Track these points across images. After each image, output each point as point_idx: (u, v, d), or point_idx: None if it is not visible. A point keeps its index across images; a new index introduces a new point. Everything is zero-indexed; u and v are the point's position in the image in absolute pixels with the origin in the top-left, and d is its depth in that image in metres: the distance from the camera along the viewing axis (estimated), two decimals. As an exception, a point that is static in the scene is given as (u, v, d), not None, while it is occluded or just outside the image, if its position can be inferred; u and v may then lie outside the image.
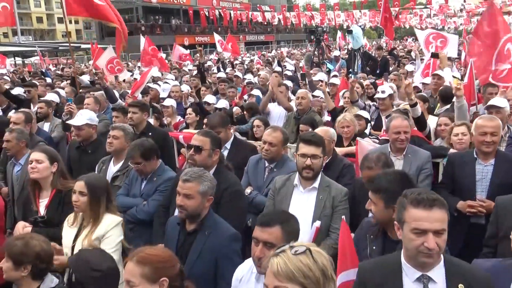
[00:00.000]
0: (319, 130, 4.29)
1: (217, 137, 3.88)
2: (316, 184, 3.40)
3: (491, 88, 5.94)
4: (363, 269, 2.32)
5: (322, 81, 9.15)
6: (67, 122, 5.59)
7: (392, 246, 2.63)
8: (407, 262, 2.13)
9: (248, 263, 2.53)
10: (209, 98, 7.37)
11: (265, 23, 40.58)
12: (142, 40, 12.71)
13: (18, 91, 7.96)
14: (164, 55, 17.09)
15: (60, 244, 3.29)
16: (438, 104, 6.42)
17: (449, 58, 10.31)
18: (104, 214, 3.24)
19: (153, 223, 3.80)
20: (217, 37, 16.63)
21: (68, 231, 3.34)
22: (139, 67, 17.24)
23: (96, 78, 7.61)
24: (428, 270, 2.08)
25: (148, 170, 4.05)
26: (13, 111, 6.63)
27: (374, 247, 2.71)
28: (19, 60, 26.65)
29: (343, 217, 2.82)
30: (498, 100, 4.78)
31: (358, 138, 4.56)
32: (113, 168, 4.50)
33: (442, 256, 2.10)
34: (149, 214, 3.90)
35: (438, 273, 2.08)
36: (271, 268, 1.68)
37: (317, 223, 3.17)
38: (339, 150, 4.60)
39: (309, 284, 1.63)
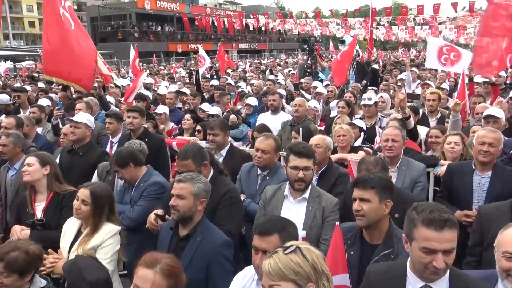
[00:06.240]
0: (317, 138, 4.30)
1: (198, 153, 3.62)
2: (306, 194, 3.36)
3: (475, 98, 6.33)
4: (371, 272, 2.36)
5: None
6: (66, 118, 5.53)
7: (370, 251, 2.66)
8: (412, 271, 2.14)
9: (249, 270, 2.54)
10: (203, 106, 7.45)
11: (258, 30, 40.52)
12: (132, 50, 12.72)
13: (5, 97, 7.90)
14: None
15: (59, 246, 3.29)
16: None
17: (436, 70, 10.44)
18: (104, 224, 3.20)
19: (141, 230, 3.74)
20: (201, 51, 16.36)
21: (67, 233, 3.31)
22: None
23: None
24: (431, 281, 2.09)
25: (127, 177, 4.03)
26: (4, 116, 6.58)
27: (352, 253, 2.71)
28: (10, 65, 26.54)
29: (337, 223, 2.79)
30: (495, 110, 4.87)
31: (349, 158, 4.56)
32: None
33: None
34: (134, 220, 3.89)
35: (441, 285, 2.08)
36: (263, 269, 1.81)
37: (303, 233, 3.15)
38: (332, 156, 4.59)
39: (300, 280, 1.74)
